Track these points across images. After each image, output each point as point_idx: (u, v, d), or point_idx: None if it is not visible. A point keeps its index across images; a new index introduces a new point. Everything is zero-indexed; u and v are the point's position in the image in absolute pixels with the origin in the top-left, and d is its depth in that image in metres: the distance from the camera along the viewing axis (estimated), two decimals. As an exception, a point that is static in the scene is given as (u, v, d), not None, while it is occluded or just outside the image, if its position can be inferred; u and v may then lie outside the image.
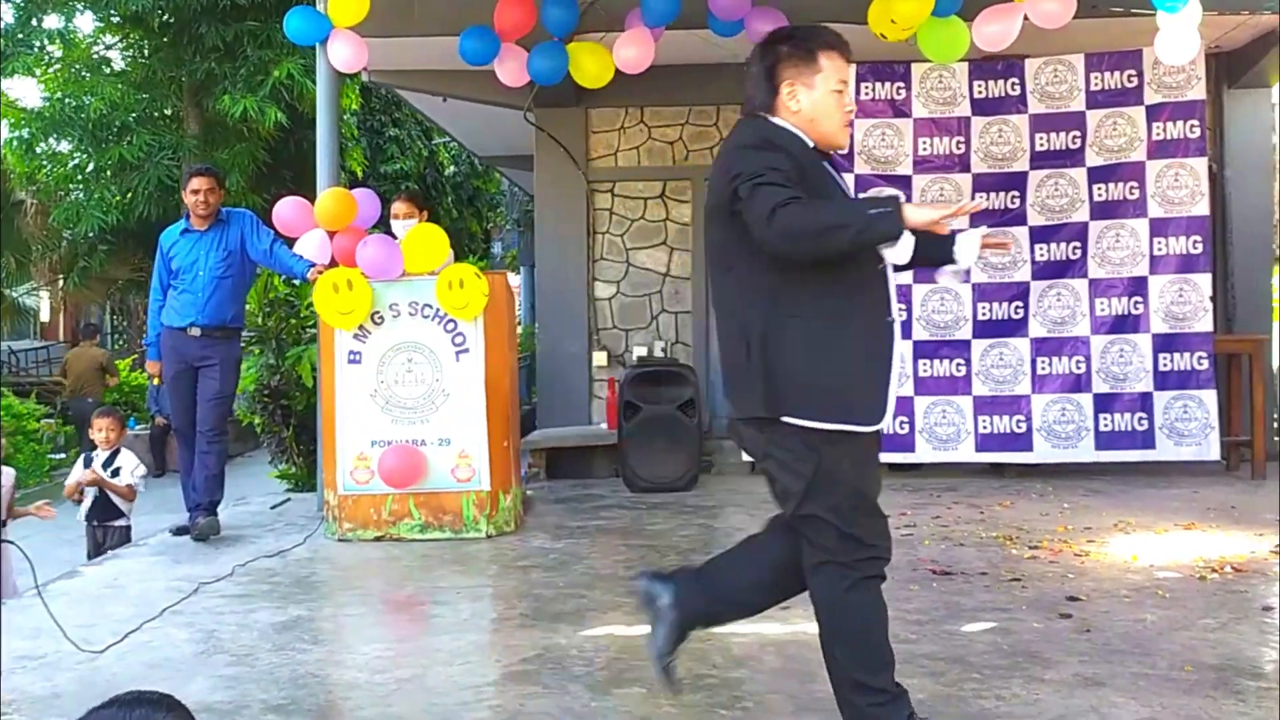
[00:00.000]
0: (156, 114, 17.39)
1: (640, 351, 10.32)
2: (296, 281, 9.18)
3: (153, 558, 7.09)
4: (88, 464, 8.04)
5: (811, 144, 3.67)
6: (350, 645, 5.21)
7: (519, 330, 15.60)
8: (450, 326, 7.28)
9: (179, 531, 7.60)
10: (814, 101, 3.67)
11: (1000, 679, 4.38)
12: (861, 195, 4.16)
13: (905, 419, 9.11)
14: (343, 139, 16.16)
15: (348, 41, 8.15)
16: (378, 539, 7.27)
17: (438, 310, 7.26)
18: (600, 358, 10.39)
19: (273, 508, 8.73)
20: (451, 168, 22.85)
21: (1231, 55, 10.04)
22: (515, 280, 20.89)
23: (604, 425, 10.00)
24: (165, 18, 16.05)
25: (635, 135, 10.56)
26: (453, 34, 8.62)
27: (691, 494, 8.95)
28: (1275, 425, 10.15)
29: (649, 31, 8.30)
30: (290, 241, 7.71)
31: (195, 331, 7.42)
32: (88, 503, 7.93)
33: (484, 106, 10.66)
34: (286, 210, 7.75)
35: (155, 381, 8.05)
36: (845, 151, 9.11)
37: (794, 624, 5.12)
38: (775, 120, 3.70)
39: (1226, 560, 6.37)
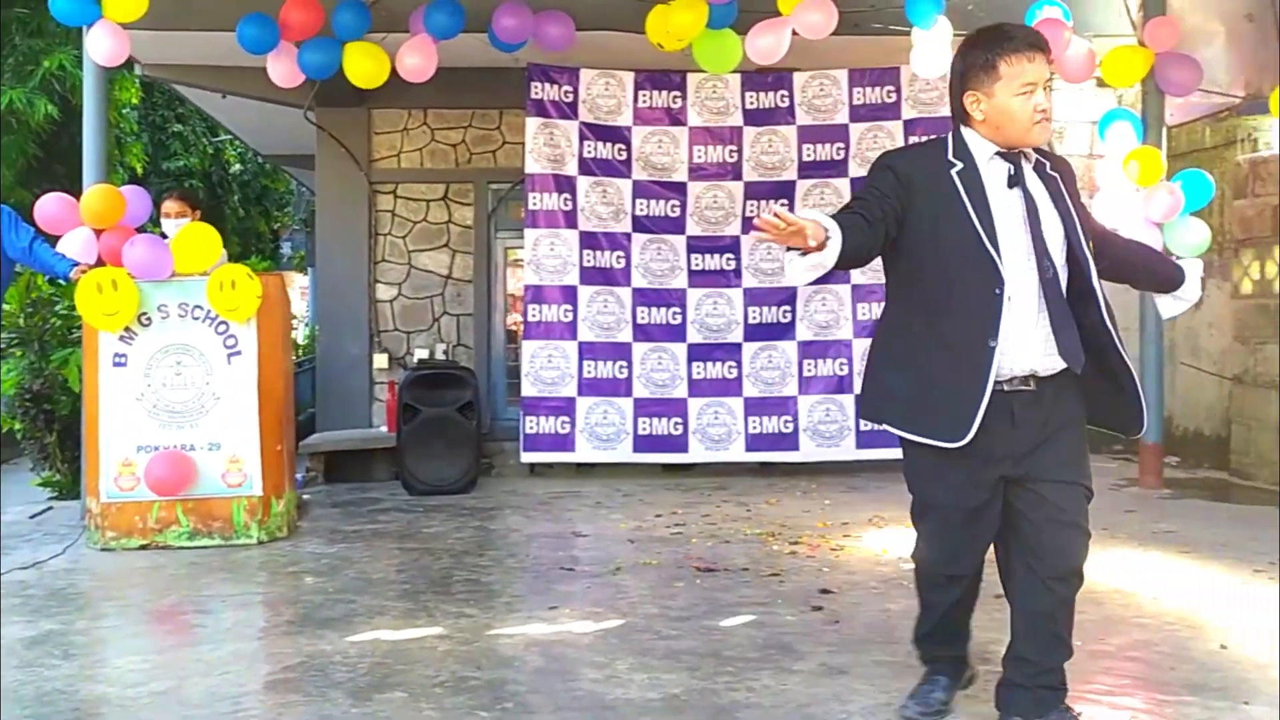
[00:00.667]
0: None
1: (422, 354, 10.26)
2: (61, 281, 8.79)
3: None
4: None
5: (992, 150, 3.64)
6: (104, 659, 4.96)
7: (305, 331, 15.39)
8: (222, 329, 7.12)
9: None
10: (995, 108, 3.61)
11: (752, 671, 4.53)
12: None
13: (679, 420, 9.34)
14: (121, 134, 15.52)
15: (109, 33, 7.75)
16: (143, 548, 7.00)
17: (209, 312, 7.09)
18: (381, 360, 10.29)
19: (31, 517, 8.27)
20: (238, 165, 22.25)
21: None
22: (303, 281, 20.51)
23: (384, 428, 9.92)
24: None
25: (418, 137, 10.48)
26: (232, 29, 8.37)
27: (470, 496, 8.96)
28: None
29: (432, 39, 8.27)
30: (54, 240, 7.43)
31: None
32: None
33: (265, 104, 10.40)
34: (49, 207, 7.40)
35: None
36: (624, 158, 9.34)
37: (560, 624, 5.25)
38: (963, 131, 3.72)
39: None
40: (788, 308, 9.47)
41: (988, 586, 4.04)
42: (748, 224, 9.48)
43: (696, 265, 9.35)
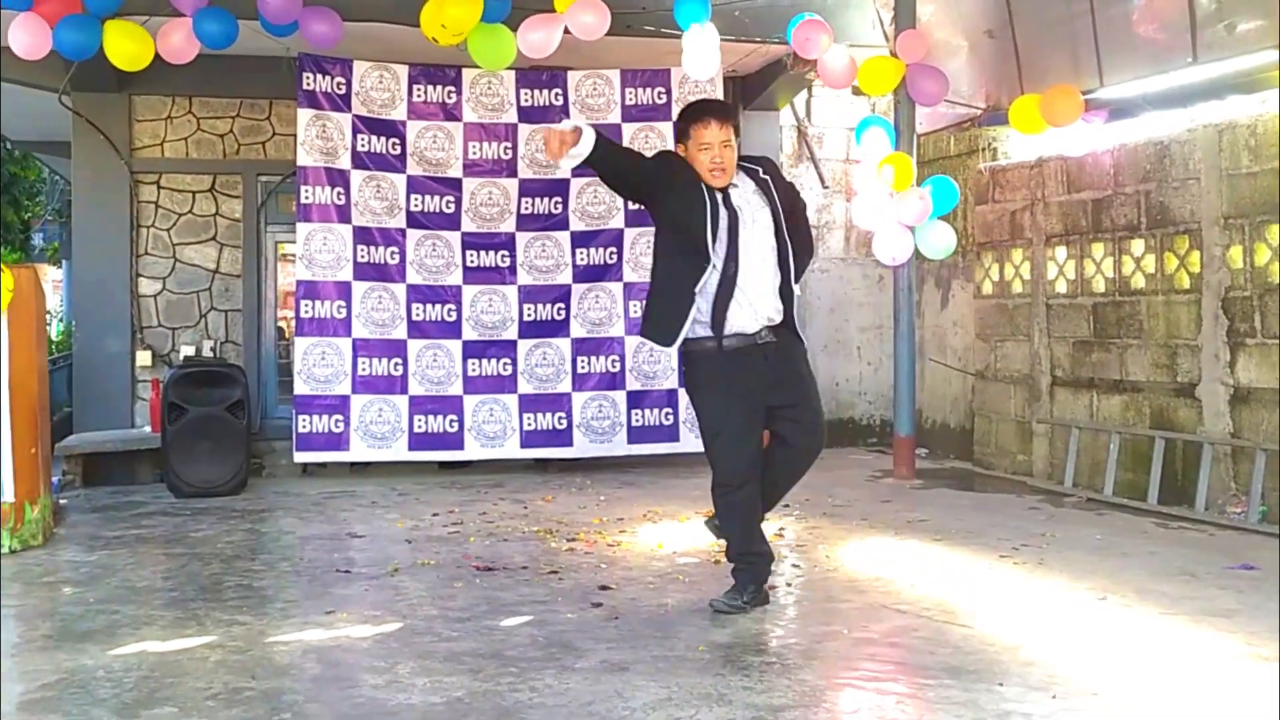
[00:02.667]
0: None
1: (188, 351, 9.87)
2: None
3: None
4: None
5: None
6: None
7: (59, 328, 14.64)
8: None
9: None
10: (690, 159, 5.24)
11: (535, 671, 4.48)
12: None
13: (455, 417, 9.24)
14: None
15: None
16: None
17: None
18: (144, 357, 9.84)
19: None
20: (-15, 153, 21.06)
21: (746, 80, 10.75)
22: (57, 274, 19.55)
23: (147, 428, 9.52)
24: None
25: (183, 126, 10.08)
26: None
27: (240, 498, 8.69)
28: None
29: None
30: None
31: None
32: None
33: (11, 86, 9.71)
34: None
35: None
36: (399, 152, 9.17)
37: (337, 628, 5.10)
38: None
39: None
40: (561, 305, 9.47)
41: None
42: (523, 220, 9.45)
43: (471, 262, 9.25)
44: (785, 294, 5.29)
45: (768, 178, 5.34)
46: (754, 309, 5.19)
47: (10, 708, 4.22)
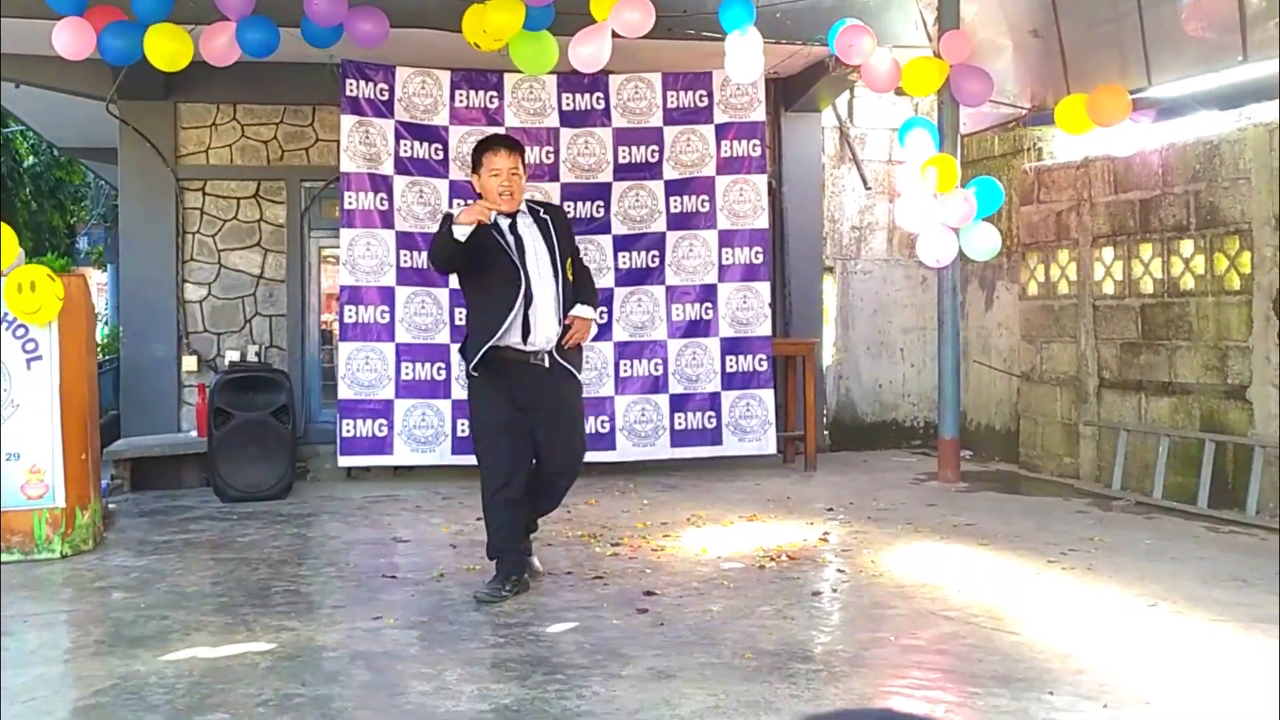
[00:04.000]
0: None
1: (233, 356, 9.93)
2: None
3: None
4: None
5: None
6: None
7: (104, 332, 14.76)
8: (20, 332, 6.77)
9: None
10: (481, 186, 5.87)
11: (581, 678, 4.50)
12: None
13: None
14: None
15: None
16: None
17: (6, 314, 6.72)
18: (190, 362, 9.93)
19: None
20: (31, 158, 21.28)
21: (787, 81, 10.71)
22: (101, 278, 19.72)
23: (194, 433, 9.58)
24: None
25: (228, 132, 10.14)
26: (25, 15, 8.03)
27: (285, 502, 8.69)
28: (824, 420, 10.94)
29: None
30: None
31: None
32: None
33: (62, 95, 9.97)
34: None
35: None
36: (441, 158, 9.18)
37: (384, 634, 5.15)
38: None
39: (783, 549, 6.84)
40: (604, 309, 9.45)
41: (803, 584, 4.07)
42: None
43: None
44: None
45: (548, 218, 5.92)
46: (536, 329, 5.71)
47: (66, 713, 4.28)
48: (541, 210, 5.97)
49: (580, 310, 5.85)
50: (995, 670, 4.54)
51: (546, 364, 5.77)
